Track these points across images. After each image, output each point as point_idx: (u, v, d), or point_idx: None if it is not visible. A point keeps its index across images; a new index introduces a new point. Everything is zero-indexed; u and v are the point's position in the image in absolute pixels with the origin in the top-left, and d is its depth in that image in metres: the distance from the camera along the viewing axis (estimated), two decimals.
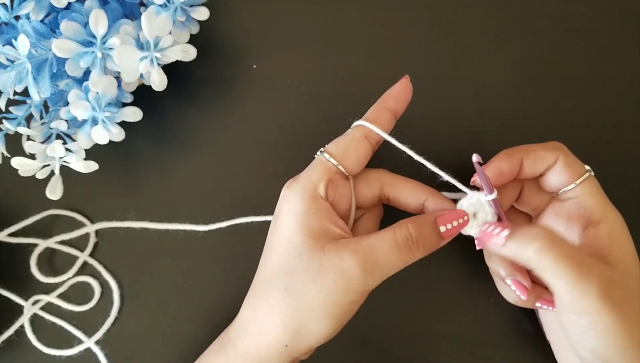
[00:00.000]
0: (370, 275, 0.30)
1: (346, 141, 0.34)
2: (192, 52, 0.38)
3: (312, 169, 0.33)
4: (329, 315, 0.31)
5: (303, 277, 0.31)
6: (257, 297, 0.33)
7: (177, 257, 0.41)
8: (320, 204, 0.32)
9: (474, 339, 0.39)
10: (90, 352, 0.40)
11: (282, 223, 0.32)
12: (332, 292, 0.30)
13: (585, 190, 0.33)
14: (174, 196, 0.41)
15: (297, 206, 0.32)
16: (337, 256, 0.30)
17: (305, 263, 0.31)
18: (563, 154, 0.34)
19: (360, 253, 0.30)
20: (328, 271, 0.30)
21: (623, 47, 0.42)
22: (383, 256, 0.30)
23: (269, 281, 0.32)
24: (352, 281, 0.30)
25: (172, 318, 0.40)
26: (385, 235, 0.31)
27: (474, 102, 0.42)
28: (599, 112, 0.42)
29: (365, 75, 0.43)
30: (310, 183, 0.32)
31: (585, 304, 0.28)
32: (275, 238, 0.33)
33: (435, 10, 0.43)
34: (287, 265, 0.31)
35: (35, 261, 0.40)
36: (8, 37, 0.35)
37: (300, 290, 0.31)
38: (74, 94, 0.35)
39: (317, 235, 0.31)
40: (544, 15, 0.43)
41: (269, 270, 0.32)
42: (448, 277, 0.40)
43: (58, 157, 0.36)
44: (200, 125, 0.42)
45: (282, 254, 0.32)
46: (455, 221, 0.32)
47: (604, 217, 0.33)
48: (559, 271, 0.29)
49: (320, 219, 0.32)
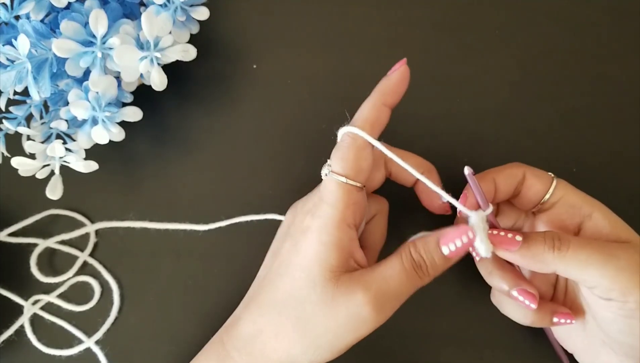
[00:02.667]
0: (381, 311, 0.30)
1: (354, 154, 0.32)
2: (192, 52, 0.38)
3: (332, 196, 0.31)
4: (335, 348, 0.31)
5: (315, 309, 0.31)
6: (263, 316, 0.32)
7: (177, 257, 0.41)
8: (347, 235, 0.31)
9: (474, 339, 0.39)
10: (90, 351, 0.40)
11: (303, 251, 0.31)
12: (342, 328, 0.30)
13: (564, 191, 0.34)
14: (174, 195, 0.41)
15: (324, 239, 0.31)
16: (349, 292, 0.30)
17: (318, 295, 0.30)
18: (527, 169, 0.34)
19: (372, 289, 0.30)
20: (340, 307, 0.30)
21: (623, 47, 0.42)
22: (394, 287, 0.30)
23: (280, 306, 0.32)
24: (363, 320, 0.30)
25: (172, 318, 0.40)
26: (393, 264, 0.31)
27: (473, 103, 0.42)
28: (598, 113, 0.42)
29: (365, 75, 0.43)
30: (339, 213, 0.31)
31: (625, 282, 0.29)
32: (291, 262, 0.32)
33: (435, 10, 0.43)
34: (300, 294, 0.31)
35: (35, 261, 0.40)
36: (8, 37, 0.35)
37: (311, 322, 0.31)
38: (74, 94, 0.35)
39: (336, 267, 0.31)
40: (544, 15, 0.43)
41: (280, 294, 0.32)
42: (448, 277, 0.39)
43: (58, 157, 0.36)
44: (200, 125, 0.42)
45: (297, 281, 0.31)
46: (458, 240, 0.31)
47: (592, 207, 0.33)
48: (585, 260, 0.29)
49: (343, 252, 0.31)
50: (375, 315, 0.30)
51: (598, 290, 0.31)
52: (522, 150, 0.41)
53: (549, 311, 0.33)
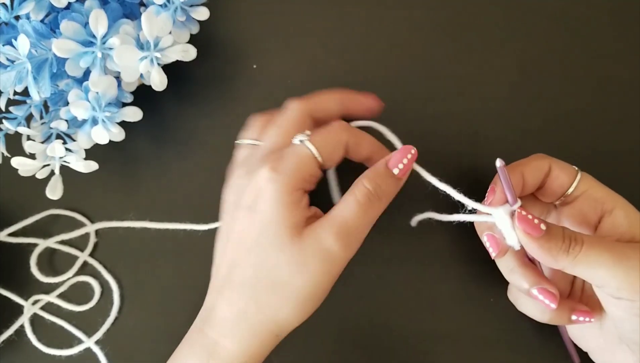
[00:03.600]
0: (348, 244, 0.31)
1: (334, 142, 0.33)
2: (192, 52, 0.38)
3: (299, 160, 0.32)
4: (315, 297, 0.32)
5: (288, 267, 0.31)
6: (241, 295, 0.31)
7: (177, 257, 0.41)
8: (303, 197, 0.32)
9: (474, 339, 0.39)
10: (90, 351, 0.40)
11: (264, 213, 0.31)
12: (318, 276, 0.31)
13: (588, 184, 0.34)
14: (174, 195, 0.41)
15: (284, 199, 0.31)
16: (315, 240, 0.31)
17: (287, 254, 0.31)
18: (552, 160, 0.34)
19: (334, 226, 0.31)
20: (310, 258, 0.31)
21: (623, 47, 0.42)
22: (352, 221, 0.31)
23: (253, 279, 0.31)
24: (334, 258, 0.31)
25: (172, 318, 0.40)
26: (348, 200, 0.32)
27: (473, 103, 0.42)
28: (598, 113, 0.42)
29: (365, 75, 0.43)
30: (300, 176, 0.32)
31: (635, 282, 0.29)
32: (253, 232, 0.31)
33: (435, 10, 0.43)
34: (270, 260, 0.31)
35: (35, 261, 0.40)
36: (8, 37, 0.36)
37: (288, 280, 0.31)
38: (74, 94, 0.35)
39: (297, 224, 0.31)
40: (544, 15, 0.43)
41: (251, 268, 0.31)
42: (448, 277, 0.40)
43: (58, 157, 0.36)
44: (200, 125, 0.42)
45: (264, 249, 0.31)
46: (404, 159, 0.32)
47: (615, 203, 0.33)
48: (595, 259, 0.30)
49: (301, 210, 0.32)
50: (343, 250, 0.31)
51: (608, 289, 0.31)
52: (522, 150, 0.41)
53: (567, 308, 0.33)
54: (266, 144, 0.34)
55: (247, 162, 0.34)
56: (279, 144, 0.33)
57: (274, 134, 0.34)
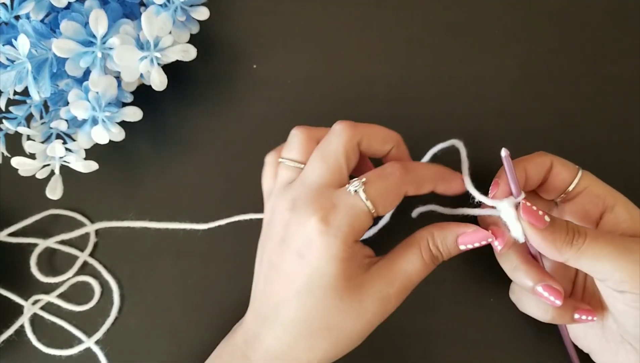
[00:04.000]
0: (404, 295, 0.32)
1: (392, 192, 0.32)
2: (192, 52, 0.38)
3: (354, 217, 0.31)
4: (364, 337, 0.32)
5: (345, 316, 0.31)
6: (291, 333, 0.31)
7: (177, 256, 0.41)
8: (356, 248, 0.32)
9: (474, 339, 0.39)
10: (91, 351, 0.40)
11: (314, 264, 0.30)
12: (374, 322, 0.32)
13: (589, 181, 0.34)
14: (174, 195, 0.41)
15: (336, 255, 0.30)
16: (375, 294, 0.31)
17: (347, 304, 0.31)
18: (554, 157, 0.34)
19: (395, 284, 0.32)
20: (370, 308, 0.31)
21: (623, 47, 0.42)
22: (416, 279, 0.32)
23: (307, 322, 0.31)
24: (389, 308, 0.32)
25: (172, 318, 0.40)
26: (414, 258, 0.32)
27: (473, 102, 0.42)
28: (598, 113, 0.42)
29: (365, 75, 0.43)
30: (353, 232, 0.31)
31: (635, 276, 0.29)
32: (303, 275, 0.31)
33: (435, 10, 0.43)
34: (325, 306, 0.31)
35: (35, 261, 0.40)
36: (8, 37, 0.36)
37: (343, 328, 0.31)
38: (74, 94, 0.35)
39: (353, 276, 0.31)
40: (544, 15, 0.43)
41: (305, 311, 0.31)
42: (448, 277, 0.40)
43: (58, 157, 0.36)
44: (200, 125, 0.42)
45: (317, 295, 0.31)
46: (477, 243, 0.32)
47: (616, 199, 0.33)
48: (598, 252, 0.30)
49: (356, 260, 0.32)
50: (399, 299, 0.32)
51: (610, 282, 0.31)
52: (522, 150, 0.41)
53: (570, 307, 0.33)
54: (312, 178, 0.32)
55: (292, 191, 0.32)
56: (326, 182, 0.32)
57: (320, 168, 0.32)
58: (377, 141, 0.34)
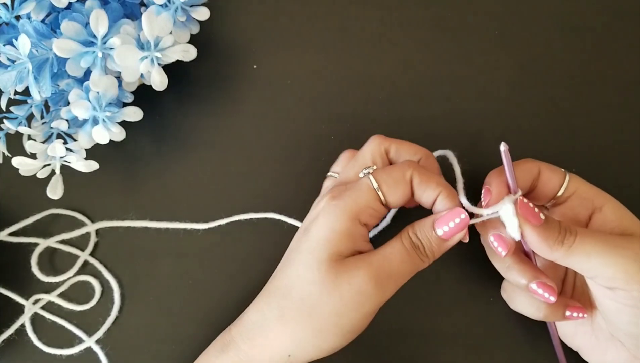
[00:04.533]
0: (383, 287, 0.31)
1: (397, 177, 0.32)
2: (193, 52, 0.38)
3: (359, 192, 0.32)
4: (340, 330, 0.31)
5: (319, 288, 0.31)
6: (269, 303, 0.32)
7: (178, 256, 0.41)
8: (357, 229, 0.32)
9: (474, 339, 0.39)
10: (91, 351, 0.40)
11: (313, 235, 0.32)
12: (346, 306, 0.31)
13: (576, 185, 0.34)
14: (174, 194, 0.41)
15: (335, 225, 0.31)
16: (352, 269, 0.31)
17: (323, 275, 0.31)
18: (541, 164, 0.35)
19: (374, 266, 0.31)
20: (343, 285, 0.31)
21: (623, 47, 0.42)
22: (395, 265, 0.31)
23: (284, 289, 0.32)
24: (365, 295, 0.31)
25: (172, 318, 0.40)
26: (394, 244, 0.32)
27: (473, 102, 0.42)
28: (598, 113, 0.42)
29: (366, 75, 0.43)
30: (355, 207, 0.32)
31: (629, 271, 0.30)
32: (301, 248, 0.32)
33: (435, 10, 0.43)
34: (305, 276, 0.31)
35: (36, 260, 0.40)
36: (9, 37, 0.36)
37: (315, 303, 0.31)
38: (75, 94, 0.35)
39: (342, 253, 0.31)
40: (544, 15, 0.43)
41: (287, 279, 0.32)
42: (448, 277, 0.40)
43: (59, 156, 0.36)
44: (201, 124, 0.42)
45: (304, 264, 0.32)
46: (451, 222, 0.32)
47: (605, 201, 0.34)
48: (589, 249, 0.30)
49: (353, 242, 0.32)
50: (377, 291, 0.31)
51: (601, 279, 0.31)
52: (522, 150, 0.41)
53: (561, 305, 0.33)
54: (342, 176, 0.35)
55: (323, 193, 0.36)
56: (349, 177, 0.34)
57: (348, 168, 0.35)
58: (405, 151, 0.35)
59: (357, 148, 0.40)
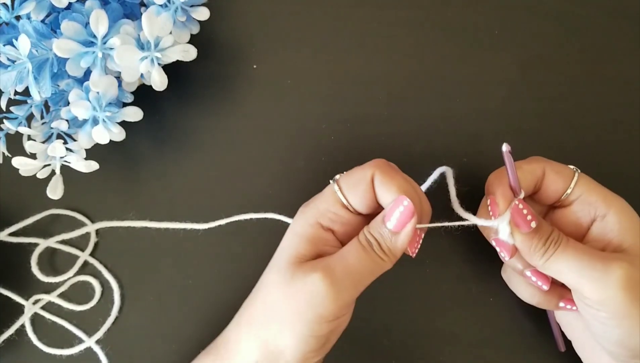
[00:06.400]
0: (338, 285, 0.30)
1: (358, 177, 0.32)
2: (193, 52, 0.38)
3: (322, 197, 0.33)
4: (301, 333, 0.31)
5: (277, 290, 0.31)
6: (240, 313, 0.34)
7: (178, 256, 0.41)
8: (319, 233, 0.32)
9: (474, 339, 0.39)
10: (91, 351, 0.40)
11: (282, 242, 0.33)
12: (300, 306, 0.30)
13: (583, 188, 0.33)
14: (174, 195, 0.41)
15: (297, 230, 0.33)
16: (308, 271, 0.31)
17: (282, 277, 0.31)
18: (547, 164, 0.34)
19: (329, 265, 0.31)
20: (298, 285, 0.31)
21: (623, 47, 0.42)
22: (352, 263, 0.31)
23: (252, 295, 0.34)
24: (320, 295, 0.30)
25: (172, 318, 0.40)
26: (351, 243, 0.32)
27: (473, 103, 0.42)
28: (598, 113, 0.42)
29: (366, 75, 0.43)
30: (316, 212, 0.33)
31: (602, 294, 0.30)
32: (274, 255, 0.34)
33: (435, 10, 0.43)
34: (268, 279, 0.33)
35: (36, 260, 0.40)
36: (9, 37, 0.36)
37: (275, 303, 0.31)
38: (75, 94, 0.35)
39: (302, 256, 0.32)
40: (544, 15, 0.43)
41: (256, 285, 0.34)
42: (448, 277, 0.40)
43: (59, 157, 0.36)
44: (200, 124, 0.42)
45: (268, 269, 0.33)
46: (396, 211, 0.31)
47: (609, 207, 0.33)
48: (564, 266, 0.30)
49: (314, 246, 0.32)
50: (331, 290, 0.30)
51: (577, 293, 0.31)
52: (521, 150, 0.41)
53: (556, 295, 0.34)
54: None
55: None
56: None
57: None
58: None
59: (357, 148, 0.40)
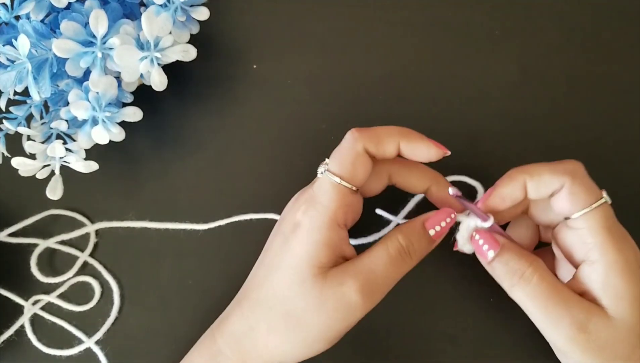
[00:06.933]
0: (370, 297, 0.31)
1: (351, 158, 0.32)
2: (192, 52, 0.38)
3: (326, 194, 0.31)
4: (325, 340, 0.31)
5: (304, 303, 0.31)
6: (254, 313, 0.32)
7: (177, 256, 0.41)
8: (337, 235, 0.32)
9: (474, 339, 0.39)
10: (91, 351, 0.40)
11: (295, 250, 0.31)
12: (333, 320, 0.31)
13: (587, 224, 0.30)
14: (174, 195, 0.41)
15: (315, 237, 0.31)
16: (337, 283, 0.31)
17: (308, 290, 0.31)
18: (570, 180, 0.30)
19: (360, 277, 0.31)
20: (329, 299, 0.31)
21: (623, 47, 0.42)
22: (381, 273, 0.31)
23: (270, 301, 0.32)
24: (353, 308, 0.31)
25: (172, 318, 0.40)
26: (379, 251, 0.32)
27: (473, 103, 0.42)
28: (598, 113, 0.42)
29: (365, 75, 0.43)
30: (330, 213, 0.31)
31: (556, 340, 0.31)
32: (282, 259, 0.32)
33: (435, 10, 0.43)
34: (291, 289, 0.31)
35: (36, 261, 0.40)
36: (8, 37, 0.36)
37: (302, 316, 0.31)
38: (74, 94, 0.35)
39: (325, 264, 0.31)
40: (544, 15, 0.43)
41: (272, 290, 0.32)
42: (448, 277, 0.40)
43: (58, 157, 0.36)
44: (200, 125, 0.42)
45: (287, 278, 0.31)
46: (443, 222, 0.32)
47: (601, 257, 0.30)
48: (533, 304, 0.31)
49: (334, 250, 0.31)
50: (364, 302, 0.31)
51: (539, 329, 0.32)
52: (521, 150, 0.41)
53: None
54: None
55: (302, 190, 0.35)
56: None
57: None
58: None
59: None
